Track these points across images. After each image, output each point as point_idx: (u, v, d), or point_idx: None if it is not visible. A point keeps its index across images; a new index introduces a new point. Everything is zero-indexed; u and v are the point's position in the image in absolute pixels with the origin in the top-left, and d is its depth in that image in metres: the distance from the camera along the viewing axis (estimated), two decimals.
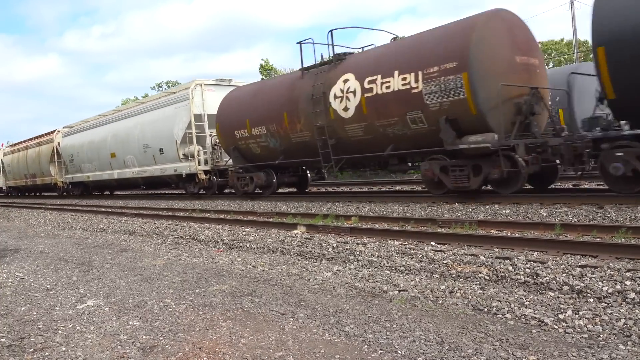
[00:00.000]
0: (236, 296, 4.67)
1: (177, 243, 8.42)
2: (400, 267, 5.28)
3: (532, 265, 4.64)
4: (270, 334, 3.60)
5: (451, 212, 8.56)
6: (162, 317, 4.13)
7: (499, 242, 5.73)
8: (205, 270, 5.95)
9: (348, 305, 4.17)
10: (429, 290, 4.46)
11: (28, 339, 3.82)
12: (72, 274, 6.32)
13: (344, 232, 7.40)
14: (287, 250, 6.77)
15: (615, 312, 3.52)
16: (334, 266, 5.68)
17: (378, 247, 6.10)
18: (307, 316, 3.95)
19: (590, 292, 3.91)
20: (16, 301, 5.06)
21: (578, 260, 4.70)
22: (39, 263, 7.32)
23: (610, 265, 4.40)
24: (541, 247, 5.29)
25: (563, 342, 3.16)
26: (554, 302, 3.83)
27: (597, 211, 7.22)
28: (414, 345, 3.23)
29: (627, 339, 3.13)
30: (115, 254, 7.76)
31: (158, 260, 6.89)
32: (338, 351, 3.21)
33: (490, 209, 8.37)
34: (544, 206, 7.99)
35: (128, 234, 10.30)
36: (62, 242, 9.66)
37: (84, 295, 5.10)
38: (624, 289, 3.82)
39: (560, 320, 3.49)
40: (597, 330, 3.29)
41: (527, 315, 3.64)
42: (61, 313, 4.49)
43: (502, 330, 3.43)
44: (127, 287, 5.35)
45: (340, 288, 4.77)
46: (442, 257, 5.33)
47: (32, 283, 5.91)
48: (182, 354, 3.32)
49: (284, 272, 5.59)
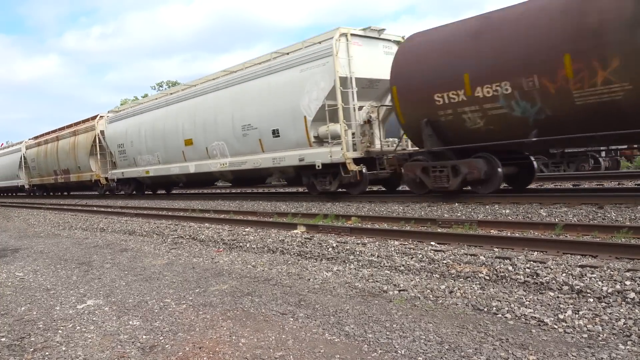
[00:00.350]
0: (236, 296, 4.67)
1: (177, 243, 8.42)
2: (400, 267, 5.28)
3: (532, 265, 4.64)
4: (270, 333, 3.60)
5: (451, 212, 8.56)
6: (162, 317, 4.13)
7: (499, 242, 5.73)
8: (205, 270, 5.96)
9: (348, 305, 4.18)
10: (429, 290, 4.46)
11: (28, 339, 3.82)
12: (72, 273, 6.32)
13: (344, 232, 7.41)
14: (287, 250, 6.77)
15: (615, 312, 3.53)
16: (334, 266, 5.69)
17: (378, 247, 6.10)
18: (307, 316, 3.96)
19: (590, 292, 3.91)
20: (16, 301, 5.06)
21: (578, 260, 4.71)
22: (39, 263, 7.32)
23: (610, 265, 4.40)
24: (541, 247, 5.30)
25: (563, 342, 3.17)
26: (554, 302, 3.83)
27: (597, 211, 7.23)
28: (414, 345, 3.23)
29: (627, 339, 3.14)
30: (115, 253, 7.77)
31: (158, 260, 6.89)
32: (338, 351, 3.22)
33: (490, 208, 8.37)
34: (544, 206, 7.99)
35: (128, 233, 10.31)
36: (62, 242, 9.66)
37: (84, 295, 5.10)
38: (624, 289, 3.83)
39: (560, 320, 3.50)
40: (597, 330, 3.29)
41: (527, 315, 3.65)
42: (61, 313, 4.49)
43: (502, 330, 3.43)
44: (127, 286, 5.35)
45: (340, 288, 4.78)
46: (442, 257, 5.33)
47: (32, 283, 5.91)
48: (182, 353, 3.32)
49: (284, 272, 5.59)
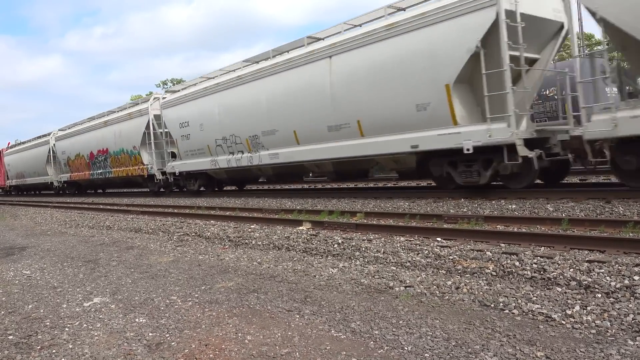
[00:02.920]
0: (242, 293, 4.67)
1: (182, 240, 8.43)
2: (406, 263, 5.26)
3: (539, 260, 4.61)
4: (276, 330, 3.59)
5: (457, 207, 8.52)
6: (168, 314, 4.14)
7: (506, 237, 5.70)
8: (211, 267, 5.96)
9: (354, 302, 4.16)
10: (435, 286, 4.44)
11: (35, 337, 3.84)
12: (78, 271, 6.34)
13: (350, 228, 7.39)
14: (292, 246, 6.77)
15: (624, 308, 3.49)
16: (340, 262, 5.67)
17: (384, 243, 6.08)
18: (313, 312, 3.95)
19: (598, 287, 3.88)
20: (23, 299, 5.08)
21: (585, 255, 4.67)
22: (46, 261, 7.36)
23: (618, 260, 4.36)
24: (548, 242, 5.26)
25: (571, 338, 3.14)
26: (562, 298, 3.80)
27: (605, 206, 7.17)
28: (421, 342, 3.21)
29: (636, 335, 3.11)
30: (121, 251, 7.79)
31: (164, 258, 6.90)
32: (344, 347, 3.21)
33: (497, 204, 8.32)
34: (551, 201, 7.94)
35: (134, 231, 10.34)
36: (69, 240, 9.70)
37: (90, 293, 5.12)
38: (633, 284, 3.79)
39: (568, 316, 3.47)
40: (606, 326, 3.26)
41: (534, 311, 3.62)
42: (68, 310, 4.50)
43: (509, 326, 3.41)
44: (133, 284, 5.37)
45: (346, 284, 4.76)
46: (448, 252, 5.30)
47: (39, 281, 5.94)
48: (188, 351, 3.32)
49: (290, 269, 5.58)
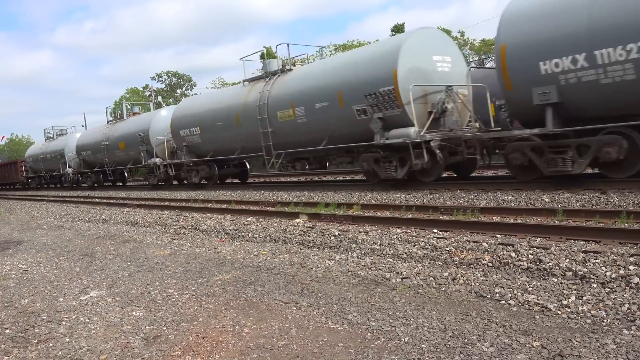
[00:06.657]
0: (239, 285, 4.67)
1: (179, 233, 8.42)
2: (403, 255, 5.27)
3: (535, 251, 4.63)
4: (273, 322, 3.60)
5: (453, 199, 8.54)
6: (165, 307, 4.14)
7: (502, 228, 5.71)
8: (207, 260, 5.96)
9: (351, 294, 4.17)
10: (432, 277, 4.45)
11: (32, 330, 3.83)
12: (75, 265, 6.33)
13: (346, 220, 7.39)
14: (289, 239, 6.77)
15: (619, 297, 3.51)
16: (337, 255, 5.68)
17: (380, 235, 6.09)
18: (310, 305, 3.95)
19: (594, 277, 3.90)
20: (20, 293, 5.07)
21: (581, 245, 4.69)
22: (42, 255, 7.34)
23: (613, 250, 4.38)
24: (544, 233, 5.28)
25: (567, 328, 3.16)
26: (557, 288, 3.82)
27: (600, 196, 7.19)
28: (417, 333, 3.22)
29: (630, 324, 3.13)
30: (117, 245, 7.78)
31: (160, 251, 6.89)
32: (341, 339, 3.22)
33: (493, 195, 8.34)
34: (547, 192, 7.96)
35: (130, 224, 10.32)
36: (65, 234, 9.68)
37: (87, 287, 5.11)
38: (628, 274, 3.81)
39: (564, 306, 3.49)
40: (601, 316, 3.28)
41: (530, 301, 3.64)
42: (65, 304, 4.50)
43: (505, 316, 3.43)
44: (130, 277, 5.36)
45: (342, 276, 4.77)
46: (445, 244, 5.32)
47: (35, 275, 5.92)
48: (186, 343, 3.32)
49: (287, 261, 5.59)
